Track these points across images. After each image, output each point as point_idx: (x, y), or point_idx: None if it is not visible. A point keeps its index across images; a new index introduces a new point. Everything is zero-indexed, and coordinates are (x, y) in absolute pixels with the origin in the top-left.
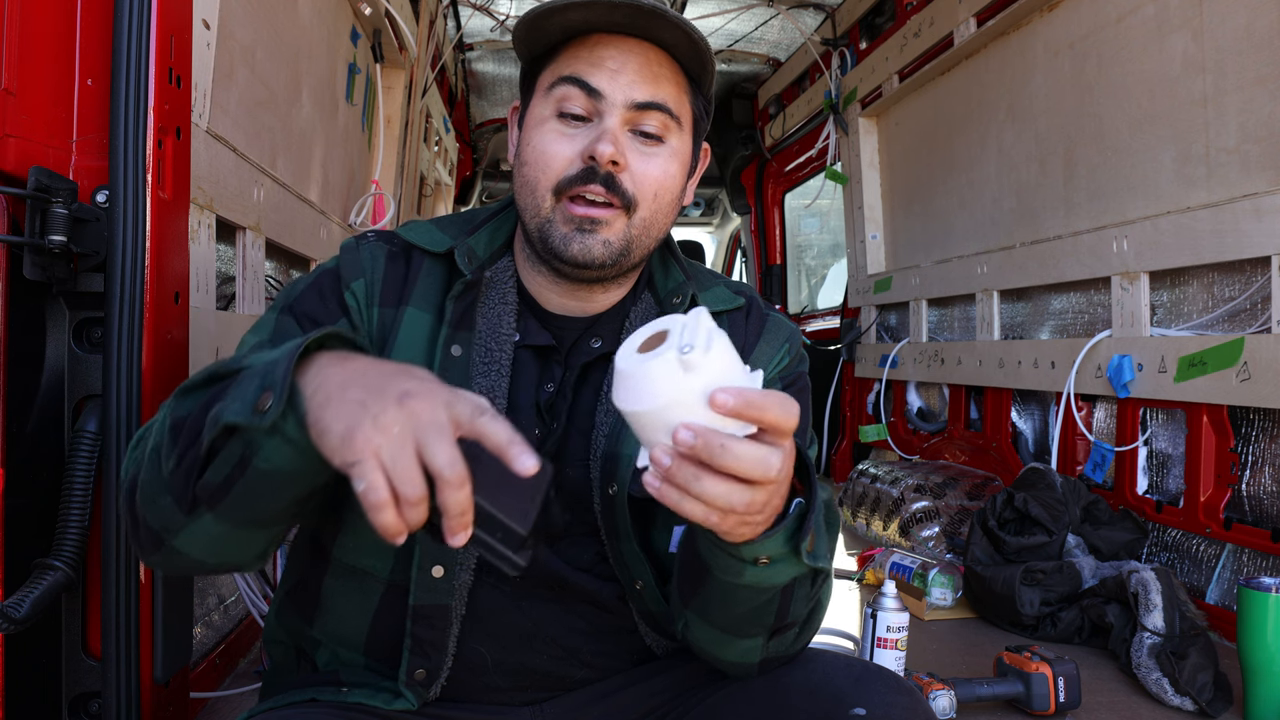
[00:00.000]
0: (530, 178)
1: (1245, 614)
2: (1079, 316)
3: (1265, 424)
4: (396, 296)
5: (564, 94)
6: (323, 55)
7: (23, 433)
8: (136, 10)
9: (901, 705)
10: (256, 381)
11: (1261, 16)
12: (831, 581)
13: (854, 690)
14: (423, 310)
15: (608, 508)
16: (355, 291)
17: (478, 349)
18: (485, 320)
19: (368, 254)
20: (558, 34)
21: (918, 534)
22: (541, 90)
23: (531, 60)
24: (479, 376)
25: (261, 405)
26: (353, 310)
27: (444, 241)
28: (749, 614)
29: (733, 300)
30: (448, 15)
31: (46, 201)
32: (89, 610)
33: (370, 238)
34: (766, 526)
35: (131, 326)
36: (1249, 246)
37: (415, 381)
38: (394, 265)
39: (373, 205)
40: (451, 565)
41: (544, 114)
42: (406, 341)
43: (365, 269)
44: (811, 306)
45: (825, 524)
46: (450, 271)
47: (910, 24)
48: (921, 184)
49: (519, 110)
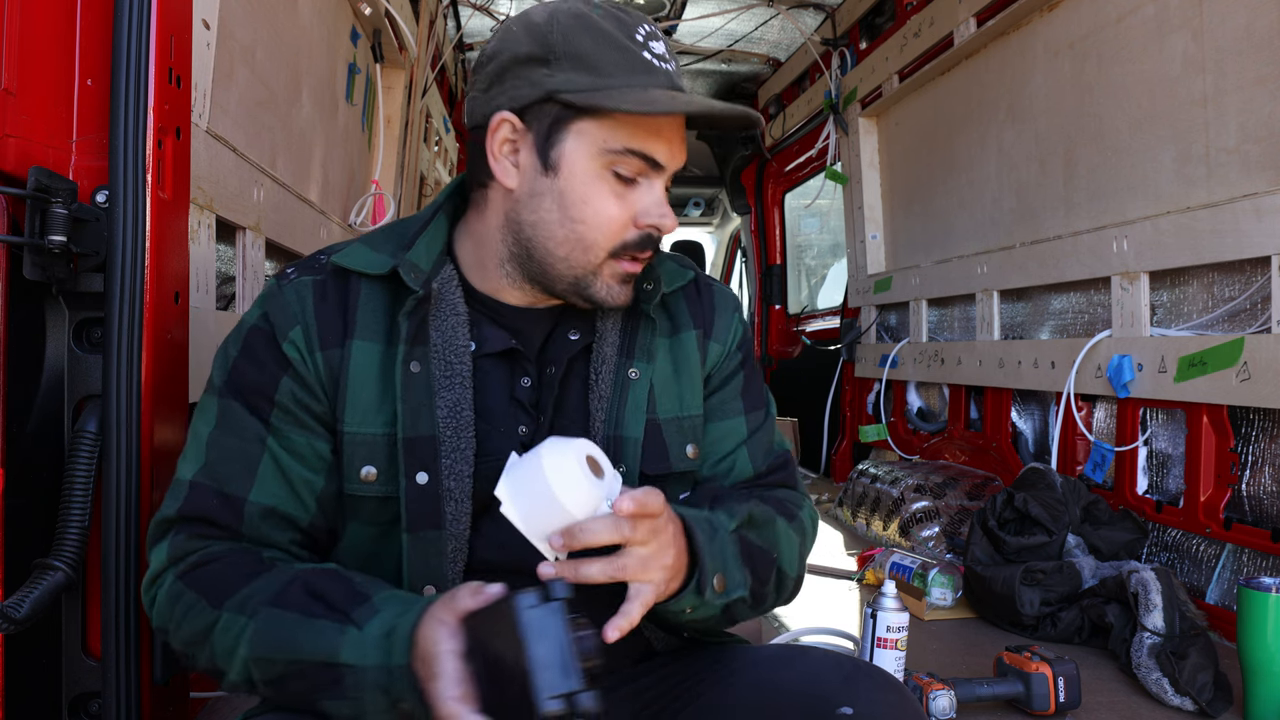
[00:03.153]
0: (585, 237)
1: (1245, 614)
2: (1079, 316)
3: (1265, 424)
4: (339, 334)
5: (625, 161)
6: (323, 55)
7: (23, 433)
8: (136, 10)
9: (888, 703)
10: (381, 695)
11: (1261, 16)
12: (787, 575)
13: (842, 689)
14: (370, 340)
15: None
16: (294, 341)
17: (436, 362)
18: (439, 333)
19: (293, 296)
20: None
21: (918, 534)
22: (591, 146)
23: (568, 106)
24: (442, 390)
25: (403, 713)
26: (295, 362)
27: (383, 263)
28: (711, 622)
29: (684, 275)
30: (448, 15)
31: (46, 201)
32: (89, 610)
33: (291, 275)
34: (678, 581)
35: (131, 326)
36: (1249, 246)
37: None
38: (324, 302)
39: (373, 205)
40: (444, 585)
41: (592, 169)
42: (359, 376)
43: (297, 314)
44: (811, 306)
45: (776, 538)
46: (393, 290)
47: (910, 24)
48: (921, 184)
49: (528, 135)
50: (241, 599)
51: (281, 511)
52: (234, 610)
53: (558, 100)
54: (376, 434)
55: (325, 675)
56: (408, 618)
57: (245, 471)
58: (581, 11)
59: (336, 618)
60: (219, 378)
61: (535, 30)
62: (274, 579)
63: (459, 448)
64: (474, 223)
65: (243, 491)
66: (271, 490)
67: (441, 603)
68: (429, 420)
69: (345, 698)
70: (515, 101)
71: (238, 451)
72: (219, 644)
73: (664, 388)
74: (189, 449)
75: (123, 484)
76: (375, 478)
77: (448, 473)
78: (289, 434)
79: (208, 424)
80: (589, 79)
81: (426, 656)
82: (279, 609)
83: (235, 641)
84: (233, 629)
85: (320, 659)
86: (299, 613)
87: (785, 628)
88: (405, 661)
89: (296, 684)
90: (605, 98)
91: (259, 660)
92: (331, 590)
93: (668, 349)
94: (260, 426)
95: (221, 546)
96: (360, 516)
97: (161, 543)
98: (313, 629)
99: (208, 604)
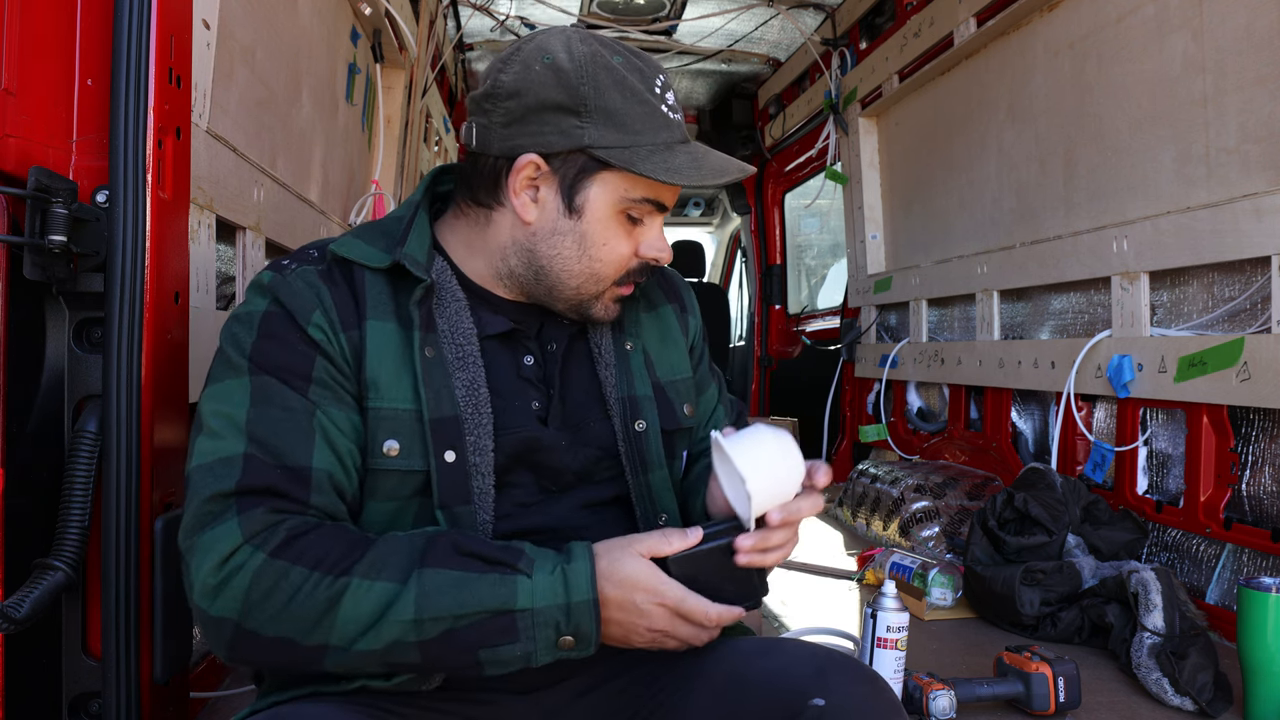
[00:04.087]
0: (599, 272)
1: (1245, 614)
2: (1079, 316)
3: (1265, 424)
4: (354, 315)
5: (639, 206)
6: (323, 55)
7: (23, 433)
8: (136, 10)
9: (860, 695)
10: (552, 631)
11: (1261, 16)
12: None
13: (815, 680)
14: (383, 320)
15: (636, 444)
16: (318, 323)
17: (448, 347)
18: (444, 320)
19: (303, 282)
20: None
21: (918, 534)
22: (613, 195)
23: (598, 159)
24: (458, 372)
25: (564, 645)
26: (322, 342)
27: (384, 257)
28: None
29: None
30: (448, 15)
31: (46, 201)
32: (89, 610)
33: (291, 265)
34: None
35: (131, 326)
36: (1249, 246)
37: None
38: (336, 287)
39: (373, 205)
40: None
41: (610, 214)
42: (379, 352)
43: (313, 299)
44: (811, 306)
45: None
46: (393, 281)
47: (910, 24)
48: (921, 184)
49: (553, 177)
50: (370, 564)
51: (338, 481)
52: (367, 576)
53: (589, 154)
54: (399, 409)
55: (497, 624)
56: (578, 563)
57: (304, 440)
58: (608, 62)
59: (502, 570)
60: (239, 360)
61: (564, 79)
62: (401, 543)
63: (480, 424)
64: (467, 231)
65: (305, 460)
66: (327, 459)
67: (625, 545)
68: (450, 401)
69: (518, 640)
70: (544, 147)
71: (289, 423)
72: (351, 613)
73: (657, 355)
74: (218, 429)
75: (123, 484)
76: (397, 452)
77: (473, 449)
78: (329, 407)
79: (239, 405)
80: (618, 135)
81: (643, 586)
82: (437, 569)
83: (382, 606)
84: (372, 594)
85: (494, 609)
86: (462, 570)
87: (785, 627)
88: (588, 597)
89: (462, 637)
90: (636, 159)
91: (425, 621)
92: (480, 547)
93: (651, 322)
94: (302, 399)
95: (301, 520)
96: (379, 493)
97: (227, 520)
98: (483, 582)
99: (328, 574)
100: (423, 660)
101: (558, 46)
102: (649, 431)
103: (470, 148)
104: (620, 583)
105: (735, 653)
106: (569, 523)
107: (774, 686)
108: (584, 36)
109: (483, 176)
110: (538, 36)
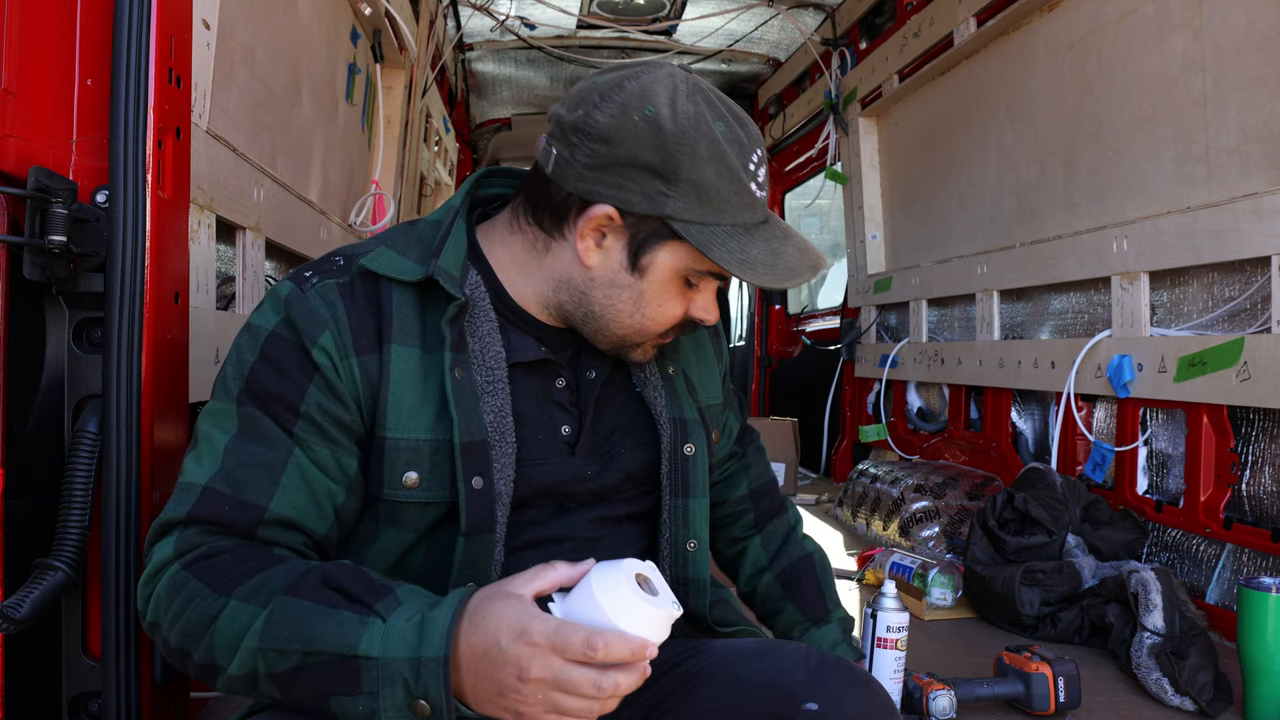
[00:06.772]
0: (648, 328)
1: (1245, 614)
2: (1079, 316)
3: (1265, 424)
4: (374, 339)
5: (701, 277)
6: (323, 55)
7: (23, 433)
8: (136, 10)
9: (855, 698)
10: (401, 690)
11: (1261, 16)
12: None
13: (809, 683)
14: (408, 345)
15: (680, 468)
16: (325, 347)
17: (478, 369)
18: (476, 340)
19: (320, 300)
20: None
21: (918, 534)
22: (679, 263)
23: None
24: (487, 395)
25: (418, 711)
26: (325, 368)
27: (417, 270)
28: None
29: None
30: (448, 15)
31: (46, 201)
32: (89, 610)
33: (312, 278)
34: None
35: (131, 326)
36: (1249, 246)
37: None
38: (355, 305)
39: (373, 205)
40: (485, 585)
41: (672, 279)
42: (402, 381)
43: (326, 319)
44: (811, 306)
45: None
46: (422, 296)
47: (910, 24)
48: (921, 184)
49: (623, 231)
50: (252, 587)
51: (300, 523)
52: (243, 598)
53: (667, 223)
54: (420, 439)
55: (341, 669)
56: (443, 610)
57: (268, 480)
58: (710, 132)
59: (357, 609)
60: (235, 384)
61: (662, 140)
62: (288, 570)
63: (505, 453)
64: (522, 251)
65: (264, 500)
66: (294, 501)
67: (501, 584)
68: (479, 425)
69: (361, 693)
70: (623, 204)
71: (262, 460)
72: (222, 634)
73: (696, 378)
74: (203, 453)
75: (123, 484)
76: (418, 483)
77: (499, 477)
78: (314, 445)
79: (225, 431)
80: (702, 211)
81: (506, 625)
82: (294, 598)
83: (243, 631)
84: (240, 618)
85: (338, 651)
86: (316, 602)
87: None
88: (440, 654)
89: (308, 678)
90: (713, 241)
91: (269, 652)
92: (351, 582)
93: (689, 342)
94: (285, 436)
95: (230, 541)
96: (399, 523)
97: (166, 539)
98: (332, 619)
99: (213, 591)
100: (284, 698)
101: (663, 99)
102: (697, 455)
103: (544, 171)
104: (484, 628)
105: (730, 654)
106: (582, 533)
107: (768, 689)
108: (691, 90)
109: (551, 205)
110: (644, 76)
